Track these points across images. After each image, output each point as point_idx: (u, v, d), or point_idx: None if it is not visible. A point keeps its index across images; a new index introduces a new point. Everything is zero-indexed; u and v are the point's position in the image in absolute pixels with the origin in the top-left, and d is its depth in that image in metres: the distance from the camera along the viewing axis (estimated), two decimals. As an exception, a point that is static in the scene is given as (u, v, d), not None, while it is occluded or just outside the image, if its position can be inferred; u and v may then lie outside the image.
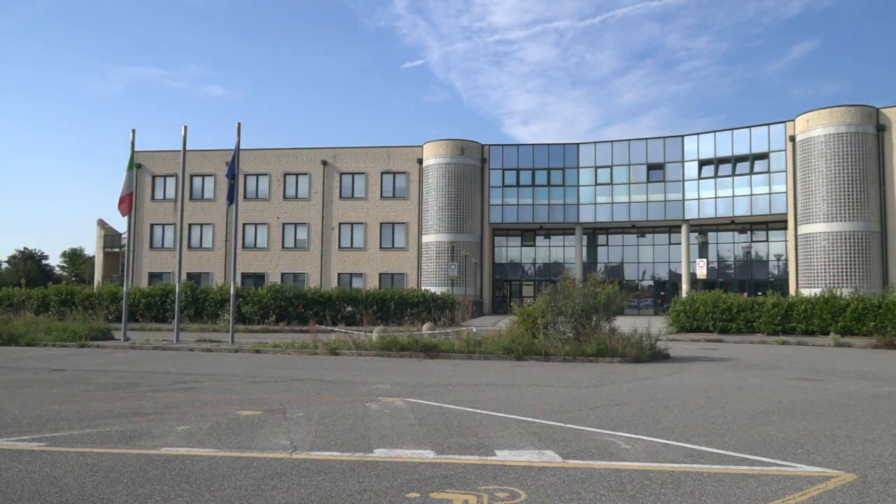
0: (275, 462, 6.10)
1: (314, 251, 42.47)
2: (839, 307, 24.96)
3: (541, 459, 6.27)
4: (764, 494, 5.21)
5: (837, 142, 32.98)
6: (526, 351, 16.58)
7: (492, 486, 5.39)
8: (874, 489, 5.39)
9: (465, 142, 41.14)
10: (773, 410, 9.22)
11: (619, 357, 16.19)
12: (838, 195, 32.80)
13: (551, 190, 41.61)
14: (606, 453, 6.55)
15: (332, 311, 29.41)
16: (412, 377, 12.89)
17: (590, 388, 11.40)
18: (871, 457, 6.50)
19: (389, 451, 6.53)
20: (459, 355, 16.81)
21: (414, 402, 9.64)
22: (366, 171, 42.46)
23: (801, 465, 6.17)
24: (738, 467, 6.06)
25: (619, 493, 5.23)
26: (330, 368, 14.34)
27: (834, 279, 32.13)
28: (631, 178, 40.42)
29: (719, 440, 7.20)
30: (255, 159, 43.35)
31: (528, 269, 44.54)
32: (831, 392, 11.13)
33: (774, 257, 38.28)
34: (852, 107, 33.22)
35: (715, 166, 38.30)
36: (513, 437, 7.30)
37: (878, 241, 32.64)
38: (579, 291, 17.70)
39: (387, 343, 17.60)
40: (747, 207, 37.11)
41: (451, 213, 40.18)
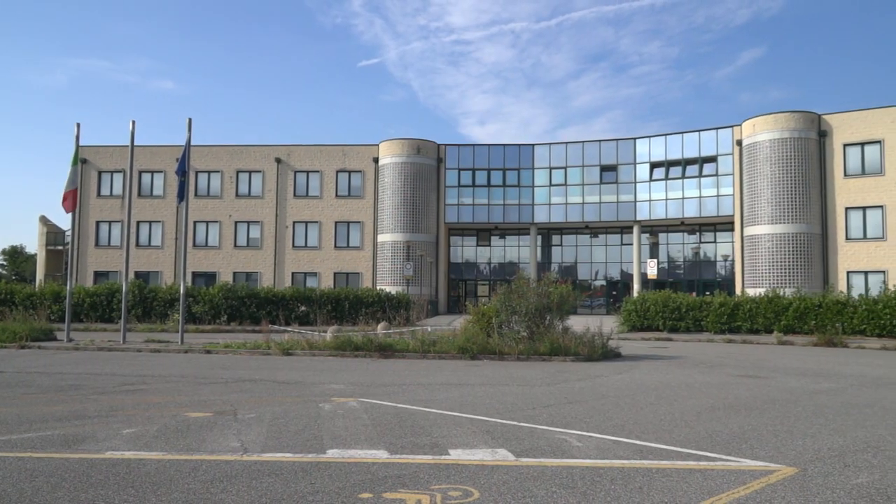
0: (225, 464, 5.99)
1: (267, 250, 41.85)
2: (782, 307, 25.82)
3: (494, 458, 6.31)
4: (709, 489, 5.35)
5: (781, 146, 34.10)
6: (480, 350, 16.66)
7: (445, 485, 5.39)
8: (814, 482, 5.59)
9: (422, 141, 41.12)
10: (719, 407, 9.47)
11: (571, 356, 16.41)
12: (782, 198, 33.91)
13: (506, 190, 41.92)
14: (559, 451, 6.63)
15: (286, 311, 29.04)
16: (366, 377, 12.82)
17: (543, 387, 11.52)
18: (810, 451, 6.74)
19: (342, 452, 6.48)
20: (414, 355, 16.79)
21: (368, 402, 9.59)
22: (321, 170, 42.04)
23: (745, 459, 6.36)
24: (686, 462, 6.21)
25: (570, 490, 5.30)
26: (283, 369, 14.15)
27: (778, 279, 33.21)
28: (584, 180, 41.02)
29: (668, 436, 7.37)
30: (207, 156, 42.48)
31: (483, 269, 44.77)
32: (774, 388, 11.50)
33: (722, 258, 39.36)
34: (796, 113, 34.38)
35: (666, 168, 39.16)
36: (466, 436, 7.33)
37: (819, 242, 33.86)
38: (533, 291, 17.88)
39: (341, 343, 17.47)
40: (696, 209, 38.06)
41: (407, 212, 40.11)
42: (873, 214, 32.90)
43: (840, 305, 24.89)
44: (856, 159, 33.57)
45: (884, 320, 23.73)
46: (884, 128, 32.76)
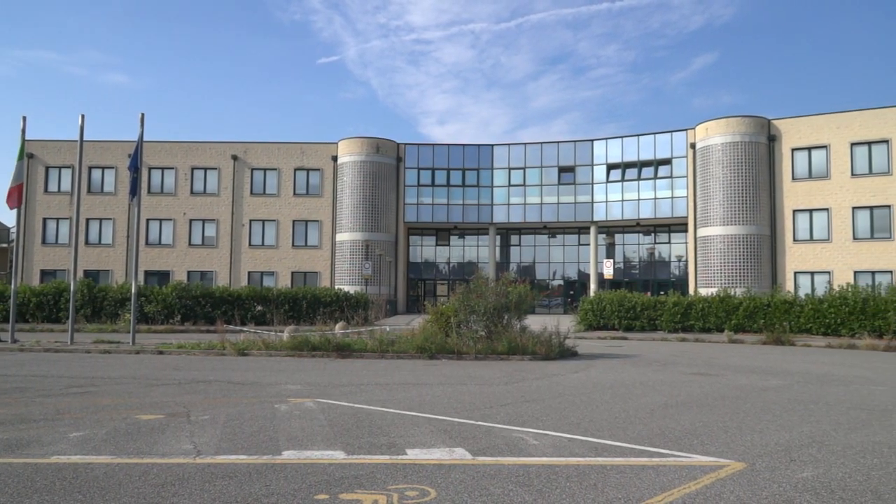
0: (177, 468, 5.86)
1: (223, 249, 41.13)
2: (733, 306, 26.51)
3: (451, 457, 6.32)
4: (662, 484, 5.46)
5: (733, 150, 34.99)
6: (439, 350, 16.67)
7: (402, 485, 5.38)
8: (761, 476, 5.75)
9: (381, 140, 40.95)
10: (672, 404, 9.68)
11: (529, 355, 16.55)
12: (733, 200, 34.80)
13: (466, 190, 42.06)
14: (515, 449, 6.68)
15: (242, 311, 28.59)
16: (324, 377, 12.71)
17: (500, 386, 11.60)
18: (758, 446, 6.93)
19: (298, 453, 6.42)
20: (372, 355, 16.71)
21: (325, 403, 9.51)
22: (278, 168, 41.49)
23: (696, 455, 6.51)
24: (639, 459, 6.32)
25: (526, 487, 5.34)
26: (238, 369, 13.92)
27: (729, 279, 34.07)
28: (543, 180, 41.43)
29: (622, 433, 7.49)
30: (161, 152, 41.52)
31: (442, 269, 44.82)
32: (724, 386, 11.80)
33: (676, 258, 40.20)
34: (747, 117, 35.33)
35: (622, 170, 39.82)
36: (424, 435, 7.32)
37: (769, 244, 34.86)
38: (492, 290, 17.98)
39: (298, 343, 17.28)
40: (651, 210, 38.79)
41: (366, 211, 39.90)
42: (819, 217, 34.03)
43: (787, 305, 25.67)
44: (803, 163, 34.66)
45: (828, 319, 24.56)
46: (829, 133, 33.90)
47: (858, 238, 32.90)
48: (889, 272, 31.66)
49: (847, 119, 33.65)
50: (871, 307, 23.73)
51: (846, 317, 24.19)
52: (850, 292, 24.74)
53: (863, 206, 32.92)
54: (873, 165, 32.88)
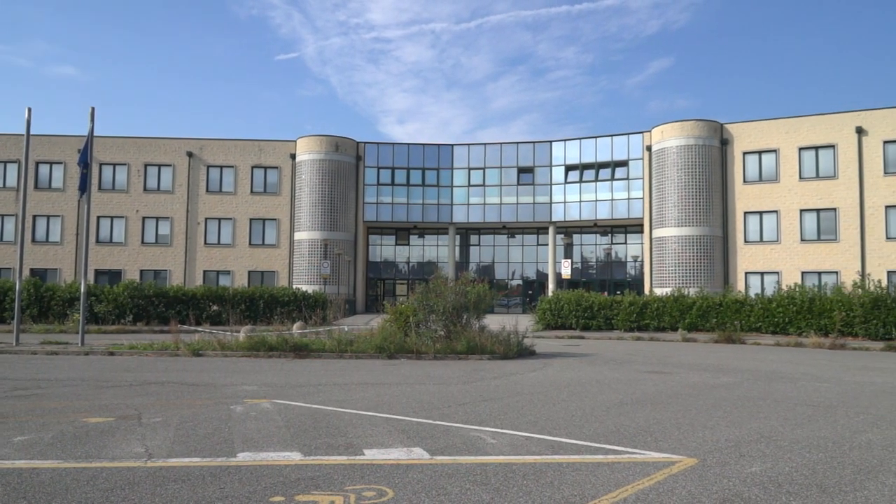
0: (127, 471, 5.72)
1: (178, 247, 40.27)
2: (687, 305, 27.11)
3: (409, 457, 6.31)
4: (616, 481, 5.55)
5: (687, 153, 35.77)
6: (398, 349, 16.63)
7: (359, 485, 5.35)
8: (711, 472, 5.89)
9: (340, 138, 40.65)
10: (627, 402, 9.84)
11: (488, 354, 16.63)
12: (687, 202, 35.57)
13: (426, 190, 42.05)
14: (473, 448, 6.71)
15: (197, 311, 28.05)
16: (281, 378, 12.56)
17: (459, 385, 11.63)
18: (709, 442, 7.10)
19: (254, 455, 6.32)
20: (330, 355, 16.58)
21: (282, 404, 9.40)
22: (235, 165, 40.82)
23: (650, 451, 6.63)
24: (595, 456, 6.41)
25: (483, 486, 5.37)
26: (192, 370, 13.65)
27: (683, 280, 34.82)
28: (502, 181, 41.69)
29: (578, 431, 7.59)
30: (113, 148, 40.43)
31: (402, 268, 44.73)
32: (678, 384, 12.05)
33: (632, 259, 40.91)
34: (700, 121, 36.15)
35: (580, 171, 40.35)
36: (382, 435, 7.30)
37: (721, 244, 35.74)
38: (451, 290, 18.01)
39: (254, 343, 17.03)
40: (608, 211, 39.40)
41: (325, 210, 39.56)
42: (769, 219, 35.03)
43: (739, 304, 26.37)
44: (754, 167, 35.64)
45: (777, 318, 25.31)
46: (779, 138, 34.94)
47: (806, 240, 33.99)
48: (834, 273, 32.77)
49: (795, 124, 34.73)
50: (817, 307, 24.53)
51: (794, 316, 24.96)
52: (797, 292, 25.53)
53: (810, 209, 34.01)
54: (820, 169, 34.00)
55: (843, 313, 23.55)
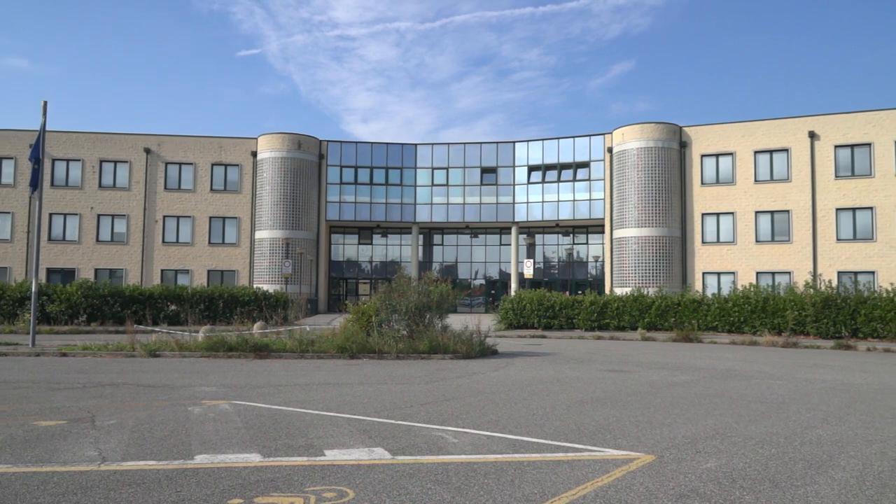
0: (79, 476, 5.57)
1: (134, 245, 39.37)
2: (646, 305, 27.56)
3: (370, 457, 6.28)
4: (576, 478, 5.61)
5: (647, 155, 36.38)
6: (360, 349, 16.54)
7: (319, 486, 5.31)
8: (669, 468, 6.00)
9: (303, 136, 40.24)
10: (587, 400, 9.96)
11: (450, 353, 16.65)
12: (647, 203, 36.18)
13: (389, 189, 41.92)
14: (435, 448, 6.71)
15: (154, 311, 27.45)
16: (240, 378, 12.37)
17: (421, 385, 11.62)
18: (667, 439, 7.23)
19: (212, 457, 6.22)
20: (292, 355, 16.40)
21: (241, 405, 9.26)
22: (195, 162, 40.08)
23: (609, 449, 6.72)
24: (555, 454, 6.47)
25: (445, 485, 5.37)
26: (149, 371, 13.36)
27: (642, 279, 35.40)
28: (466, 181, 41.81)
29: (539, 430, 7.65)
30: (67, 143, 39.32)
31: (364, 268, 44.51)
32: (637, 382, 12.24)
33: (593, 259, 41.42)
34: (660, 124, 36.80)
35: (542, 172, 40.70)
36: (343, 436, 7.25)
37: (679, 245, 36.44)
38: (414, 290, 17.98)
39: (214, 343, 16.75)
40: (570, 212, 39.82)
41: (287, 208, 39.13)
42: (726, 220, 35.85)
43: (696, 304, 26.92)
44: (711, 169, 36.42)
45: (733, 317, 25.91)
46: (736, 141, 35.77)
47: (760, 241, 34.87)
48: (788, 273, 33.70)
49: (751, 128, 35.60)
50: (770, 306, 25.19)
51: (749, 315, 25.57)
52: (752, 292, 26.17)
53: (765, 211, 34.90)
54: (774, 172, 34.93)
55: (795, 313, 24.22)
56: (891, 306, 23.07)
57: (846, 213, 33.28)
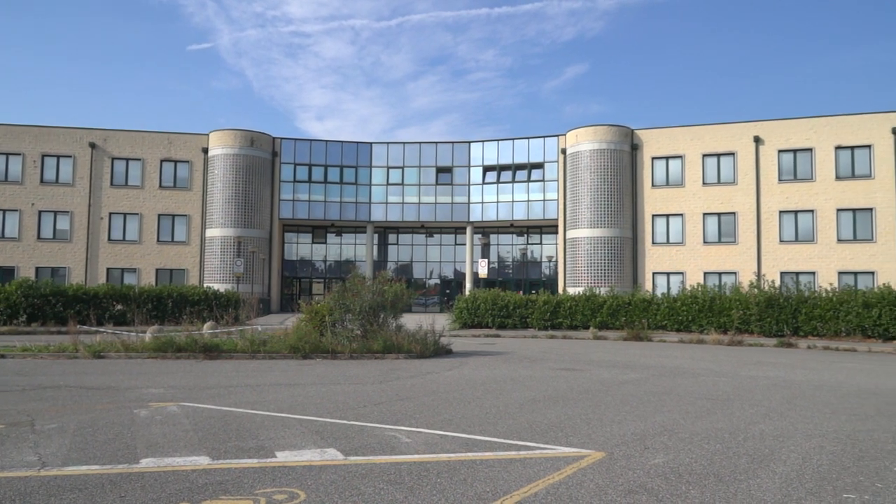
0: (18, 481, 5.36)
1: (78, 243, 38.10)
2: (598, 304, 28.03)
3: (322, 458, 6.22)
4: (528, 476, 5.66)
5: (600, 157, 36.97)
6: (313, 349, 16.38)
7: (270, 488, 5.23)
8: (618, 464, 6.11)
9: (256, 133, 39.58)
10: (540, 399, 10.07)
11: (404, 353, 16.62)
12: (599, 204, 36.77)
13: (344, 187, 41.58)
14: (388, 448, 6.69)
15: (99, 311, 26.65)
16: (189, 380, 12.11)
17: (375, 385, 11.57)
18: (617, 436, 7.36)
19: (158, 461, 6.07)
20: (243, 355, 16.13)
21: (190, 407, 9.06)
22: (143, 158, 39.01)
23: (561, 447, 6.81)
24: (507, 453, 6.52)
25: (397, 485, 5.36)
26: (93, 373, 12.96)
27: (595, 279, 35.96)
28: (421, 180, 41.77)
29: (492, 428, 7.70)
30: (6, 136, 37.80)
31: (318, 267, 44.06)
32: (588, 380, 12.43)
33: (546, 259, 41.88)
34: (612, 126, 37.44)
35: (497, 172, 40.96)
36: (295, 437, 7.16)
37: (630, 246, 37.15)
38: (368, 289, 17.88)
39: (162, 344, 16.34)
40: (525, 212, 40.19)
41: (239, 206, 38.42)
42: (675, 222, 36.70)
43: (646, 303, 27.51)
44: (661, 172, 37.24)
45: (681, 316, 26.56)
46: (685, 144, 36.65)
47: (708, 242, 35.80)
48: (734, 273, 34.68)
49: (700, 132, 36.53)
50: (717, 305, 25.91)
51: (696, 314, 26.25)
52: (699, 292, 26.88)
53: (712, 213, 35.85)
54: (721, 175, 35.91)
55: (740, 312, 24.96)
56: (830, 306, 24.00)
57: (789, 215, 34.44)
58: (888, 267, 32.14)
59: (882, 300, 23.01)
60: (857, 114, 33.97)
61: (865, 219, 33.10)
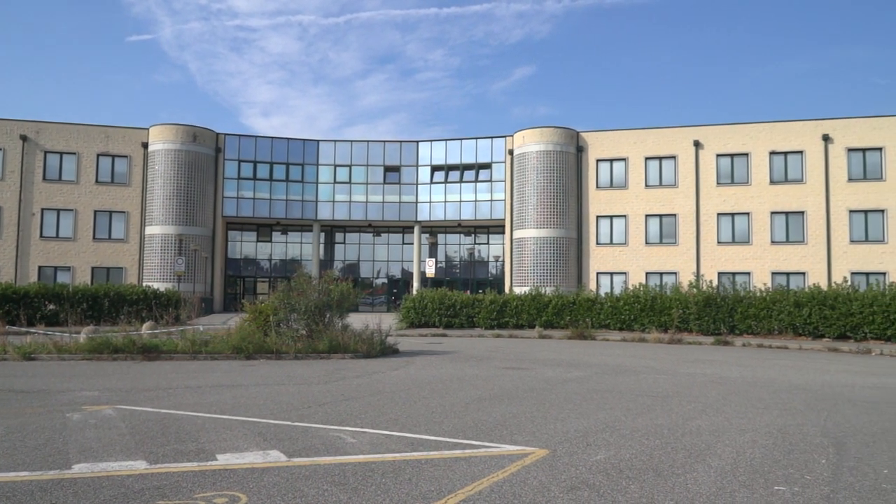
0: (-63, 490, 5.09)
1: (7, 240, 36.43)
2: (543, 304, 28.41)
3: (265, 460, 6.12)
4: (472, 474, 5.69)
5: (546, 158, 37.48)
6: (257, 350, 16.10)
7: (210, 492, 5.11)
8: (561, 461, 6.20)
9: (199, 128, 38.61)
10: (486, 397, 10.14)
11: (350, 353, 16.50)
12: (545, 205, 37.27)
13: (290, 185, 40.96)
14: (332, 449, 6.62)
15: (30, 310, 25.55)
16: (126, 382, 11.73)
17: (320, 385, 11.44)
18: (560, 433, 7.48)
19: (92, 466, 5.85)
20: (184, 356, 15.73)
21: (126, 409, 8.78)
22: (78, 152, 37.56)
23: (505, 445, 6.87)
24: (453, 452, 6.54)
25: (341, 486, 5.31)
26: (22, 376, 12.41)
27: (540, 279, 36.43)
28: (369, 179, 41.51)
29: (438, 428, 7.71)
30: (-71, 127, 35.88)
31: (263, 266, 43.31)
32: (533, 378, 12.59)
33: (493, 258, 42.22)
34: (558, 128, 38.01)
35: (445, 172, 41.06)
36: (237, 439, 7.02)
37: (575, 246, 37.79)
38: (314, 289, 17.69)
39: (97, 345, 15.78)
40: (472, 212, 40.41)
41: (181, 203, 37.41)
42: (618, 223, 37.50)
43: (590, 303, 28.03)
44: (606, 174, 38.00)
45: (624, 315, 27.16)
46: (628, 147, 37.49)
47: (650, 243, 36.71)
48: (674, 273, 35.66)
49: (643, 136, 37.43)
50: (658, 305, 26.59)
51: (638, 313, 26.89)
52: (641, 292, 27.55)
53: (654, 215, 36.78)
54: (663, 178, 36.88)
55: (680, 311, 25.69)
56: (764, 305, 24.92)
57: (726, 217, 35.62)
58: (818, 268, 33.61)
59: (812, 300, 24.03)
60: (790, 121, 35.44)
61: (797, 222, 34.53)
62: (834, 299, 23.68)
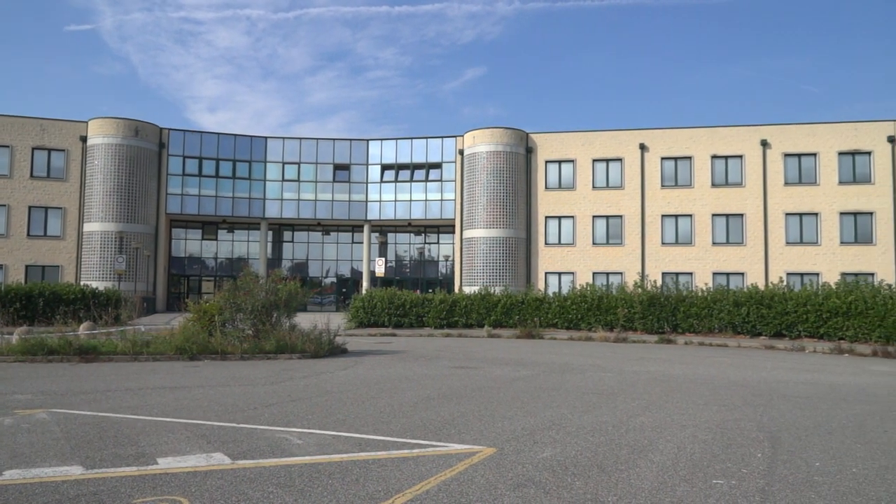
0: None
1: (-65, 236, 34.68)
2: (493, 303, 28.60)
3: (208, 463, 5.99)
4: (420, 474, 5.69)
5: (496, 159, 37.76)
6: (201, 350, 15.74)
7: (150, 497, 4.97)
8: (508, 459, 6.26)
9: (141, 122, 37.47)
10: (434, 397, 10.15)
11: (298, 353, 16.30)
12: (495, 205, 37.55)
13: (236, 182, 40.17)
14: (278, 450, 6.52)
15: (-42, 310, 24.35)
16: (62, 384, 11.30)
17: (266, 386, 11.26)
18: (507, 432, 7.54)
19: (24, 472, 5.62)
20: (124, 357, 15.26)
21: (61, 413, 8.46)
22: (11, 145, 36.00)
23: (453, 444, 6.89)
24: (400, 451, 6.52)
25: (287, 488, 5.24)
26: (-51, 379, 11.83)
27: (490, 279, 36.68)
28: (318, 177, 41.05)
29: (385, 427, 7.68)
30: None
31: (209, 264, 42.35)
32: (482, 377, 12.66)
33: (443, 258, 42.30)
34: (508, 129, 38.34)
35: (396, 171, 40.94)
36: (179, 442, 6.85)
37: (524, 246, 38.18)
38: (261, 288, 17.41)
39: (30, 346, 15.16)
40: (423, 212, 40.40)
41: (121, 199, 36.24)
42: (566, 223, 38.06)
43: (538, 302, 28.35)
44: (554, 175, 38.51)
45: (571, 315, 27.57)
46: (576, 149, 38.09)
47: (597, 243, 37.37)
48: (620, 273, 36.40)
49: (590, 138, 38.08)
50: (604, 304, 27.09)
51: (585, 313, 27.34)
52: (588, 291, 28.02)
53: (601, 216, 37.46)
54: (610, 180, 37.59)
55: (625, 310, 26.23)
56: (705, 304, 25.67)
57: (670, 219, 36.56)
58: (756, 269, 34.82)
59: (750, 299, 24.87)
60: (731, 126, 36.60)
61: (737, 224, 35.70)
62: (770, 299, 24.56)
